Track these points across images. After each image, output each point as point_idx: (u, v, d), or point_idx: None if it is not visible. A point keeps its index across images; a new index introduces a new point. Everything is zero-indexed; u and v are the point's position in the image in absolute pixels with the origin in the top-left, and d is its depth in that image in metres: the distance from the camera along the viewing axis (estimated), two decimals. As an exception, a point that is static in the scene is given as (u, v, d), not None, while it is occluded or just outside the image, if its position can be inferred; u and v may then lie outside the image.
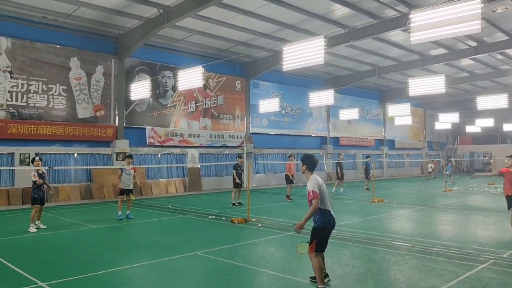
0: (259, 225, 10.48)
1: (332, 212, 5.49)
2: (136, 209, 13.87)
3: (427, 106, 38.65)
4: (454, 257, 7.30)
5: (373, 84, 31.70)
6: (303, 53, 10.50)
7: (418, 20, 8.07)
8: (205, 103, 21.59)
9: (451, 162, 28.50)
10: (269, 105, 21.14)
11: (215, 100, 22.02)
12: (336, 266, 6.79)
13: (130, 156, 12.44)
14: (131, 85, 16.99)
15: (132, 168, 12.06)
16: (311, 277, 5.84)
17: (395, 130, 34.64)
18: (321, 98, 19.58)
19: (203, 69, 13.55)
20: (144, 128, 19.19)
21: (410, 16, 8.31)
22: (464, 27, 7.56)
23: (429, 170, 30.24)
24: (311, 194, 5.35)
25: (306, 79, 27.00)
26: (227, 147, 22.43)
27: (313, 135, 28.14)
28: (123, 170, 11.87)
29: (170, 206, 14.54)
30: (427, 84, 15.08)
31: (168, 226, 10.76)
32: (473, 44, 21.33)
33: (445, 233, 9.74)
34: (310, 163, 5.63)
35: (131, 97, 17.00)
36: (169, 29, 17.87)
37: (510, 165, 9.10)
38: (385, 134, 34.06)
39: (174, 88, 20.20)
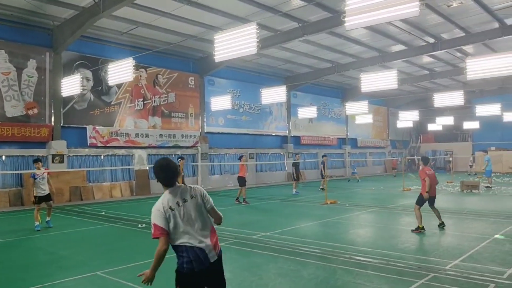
0: (190, 234, 9.37)
1: (196, 246, 3.38)
2: (63, 217, 12.55)
3: (390, 105, 38.54)
4: (392, 271, 6.43)
5: (334, 82, 31.16)
6: (236, 42, 9.49)
7: (353, 2, 7.18)
8: (154, 101, 20.28)
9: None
10: (220, 102, 20.05)
11: (165, 97, 20.73)
12: (254, 287, 5.79)
13: (39, 160, 10.95)
14: (61, 80, 15.50)
15: (44, 172, 10.70)
16: None
17: (358, 128, 34.24)
18: (273, 95, 18.68)
19: (134, 61, 12.32)
20: (85, 128, 17.73)
21: (344, -2, 7.44)
22: (402, 10, 6.73)
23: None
24: (152, 229, 3.42)
25: (265, 77, 26.08)
26: (179, 147, 21.19)
27: (273, 134, 27.26)
28: (35, 176, 10.47)
29: (103, 213, 13.24)
30: (380, 79, 14.38)
31: (85, 238, 9.50)
32: (431, 40, 20.95)
33: (390, 240, 8.92)
34: (159, 175, 3.54)
35: (62, 93, 15.52)
36: (111, 20, 16.58)
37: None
38: (347, 133, 33.58)
39: (119, 84, 18.78)
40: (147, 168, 19.62)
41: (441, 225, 9.90)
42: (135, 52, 19.28)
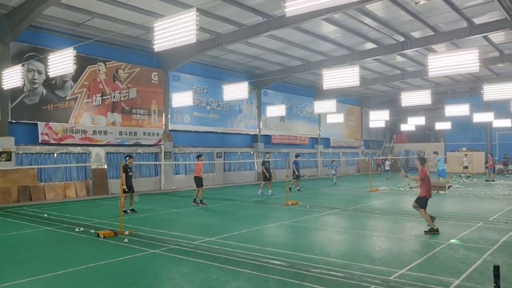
0: (126, 240, 8.62)
1: None
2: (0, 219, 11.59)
3: (364, 105, 38.32)
4: (331, 282, 5.83)
5: (307, 81, 30.68)
6: (175, 30, 8.76)
7: (294, -13, 6.56)
8: (114, 96, 19.32)
9: (336, 162, 26.94)
10: (182, 99, 19.24)
11: (126, 93, 19.79)
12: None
13: None
14: (2, 72, 14.44)
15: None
16: None
17: (331, 128, 33.87)
18: (235, 91, 17.96)
19: (75, 51, 11.45)
20: (36, 124, 16.66)
21: (286, -17, 6.81)
22: (344, -5, 6.14)
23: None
24: None
25: (234, 73, 25.34)
26: (141, 145, 20.28)
27: (243, 132, 26.57)
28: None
29: (46, 215, 12.30)
30: (342, 76, 13.83)
31: (10, 244, 8.59)
32: (401, 39, 20.63)
33: (339, 245, 8.34)
34: None
35: (3, 86, 14.47)
36: (64, 9, 15.70)
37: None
38: (320, 132, 33.15)
39: (74, 78, 17.82)
40: (105, 167, 18.67)
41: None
42: (94, 45, 18.37)
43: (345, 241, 8.72)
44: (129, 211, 12.69)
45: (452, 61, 11.69)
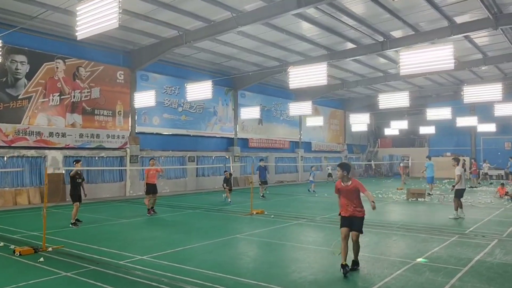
0: (41, 259, 7.40)
1: None
2: None
3: (347, 108, 37.40)
4: (258, 319, 4.71)
5: (286, 83, 29.50)
6: (97, 15, 7.63)
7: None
8: (74, 96, 18.03)
9: (316, 167, 23.94)
10: (144, 98, 18.01)
11: (88, 92, 18.52)
12: None
13: None
14: None
15: None
16: None
17: (313, 132, 32.84)
18: (198, 90, 16.79)
19: (0, 41, 10.22)
20: (-17, 125, 15.38)
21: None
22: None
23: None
24: None
25: (210, 74, 24.14)
26: (104, 148, 19.00)
27: (218, 136, 25.40)
28: None
29: (-24, 226, 11.03)
30: (309, 74, 12.77)
31: None
32: (380, 38, 19.69)
33: (287, 266, 7.19)
34: None
35: None
36: (17, 2, 14.44)
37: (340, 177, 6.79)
38: (301, 136, 32.08)
39: (28, 76, 16.54)
40: (63, 172, 17.36)
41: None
42: (48, 40, 17.22)
43: (296, 260, 7.58)
44: (75, 222, 11.45)
45: (425, 58, 10.71)
